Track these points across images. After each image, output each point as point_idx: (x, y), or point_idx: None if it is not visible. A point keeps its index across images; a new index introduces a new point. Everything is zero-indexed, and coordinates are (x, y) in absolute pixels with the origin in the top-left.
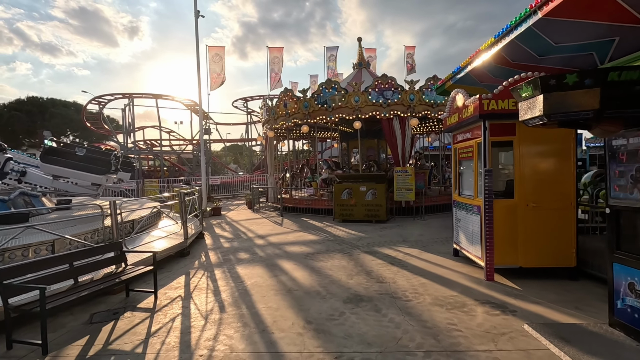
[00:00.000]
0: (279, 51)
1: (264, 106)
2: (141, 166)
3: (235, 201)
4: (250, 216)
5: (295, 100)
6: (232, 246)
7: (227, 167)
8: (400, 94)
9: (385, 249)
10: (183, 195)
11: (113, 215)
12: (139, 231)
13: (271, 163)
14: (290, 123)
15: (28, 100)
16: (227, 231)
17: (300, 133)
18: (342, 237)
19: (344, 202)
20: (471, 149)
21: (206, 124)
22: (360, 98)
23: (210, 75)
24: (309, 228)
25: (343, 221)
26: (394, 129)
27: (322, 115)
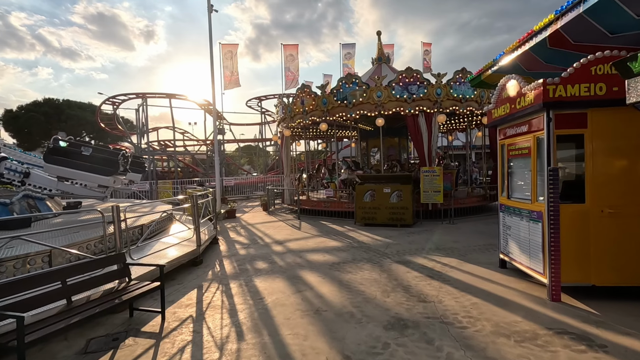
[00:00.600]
0: (293, 49)
1: (280, 104)
2: (155, 167)
3: (249, 203)
4: (266, 219)
5: (313, 96)
6: (249, 253)
7: (240, 167)
8: (426, 88)
9: (419, 258)
10: (196, 199)
11: (116, 221)
12: (147, 237)
13: (287, 163)
14: (307, 121)
15: (45, 102)
16: (243, 236)
17: (318, 132)
18: (367, 244)
19: (367, 204)
20: (527, 144)
21: (220, 124)
22: (383, 93)
23: (224, 74)
24: (329, 233)
25: (365, 225)
26: (420, 125)
27: (341, 112)
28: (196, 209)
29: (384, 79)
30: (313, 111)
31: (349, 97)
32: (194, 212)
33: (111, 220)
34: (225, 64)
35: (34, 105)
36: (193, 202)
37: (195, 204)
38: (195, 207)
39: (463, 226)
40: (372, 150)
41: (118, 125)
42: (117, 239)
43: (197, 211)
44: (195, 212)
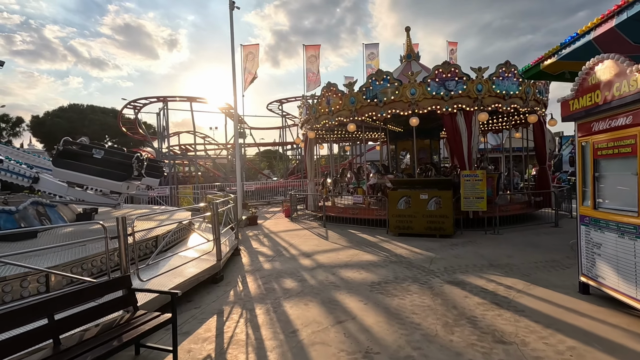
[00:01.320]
0: (315, 49)
1: (304, 105)
2: (176, 172)
3: (270, 208)
4: (290, 226)
5: (339, 95)
6: (274, 268)
7: (261, 172)
8: (465, 84)
9: (473, 277)
10: (216, 207)
11: (122, 236)
12: (163, 250)
13: (311, 167)
14: (333, 122)
15: (69, 107)
16: (266, 246)
17: (343, 134)
18: (407, 258)
19: (401, 212)
20: (631, 141)
21: (241, 128)
22: (417, 90)
23: (245, 75)
24: (360, 244)
25: (399, 235)
26: (458, 125)
27: (371, 112)
28: (216, 218)
29: (418, 75)
30: (340, 111)
31: (379, 95)
32: (215, 222)
33: (115, 235)
34: (245, 66)
35: (60, 111)
36: (213, 211)
37: (216, 213)
38: (215, 216)
39: (511, 237)
40: (400, 153)
41: (139, 129)
42: (123, 258)
43: (217, 221)
44: (215, 222)
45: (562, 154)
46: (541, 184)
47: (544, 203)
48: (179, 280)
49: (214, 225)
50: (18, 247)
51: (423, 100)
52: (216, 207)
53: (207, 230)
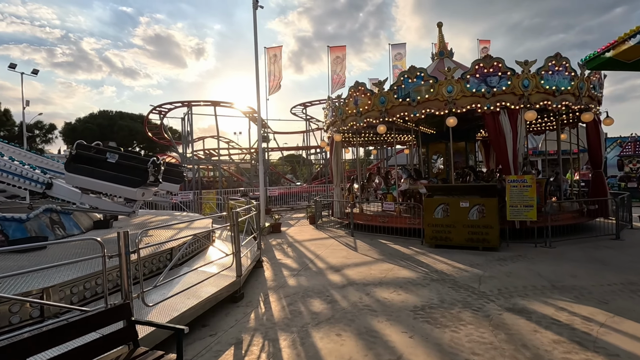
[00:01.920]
0: (341, 50)
1: (330, 106)
2: (200, 177)
3: (294, 214)
4: (315, 235)
5: (368, 95)
6: (300, 284)
7: (284, 177)
8: (510, 79)
9: (537, 303)
10: (236, 217)
11: (123, 254)
12: (178, 264)
13: (337, 172)
14: (361, 123)
15: (99, 114)
16: (290, 257)
17: (371, 136)
18: (450, 275)
19: (438, 221)
20: None
21: (264, 132)
22: (454, 87)
23: (269, 78)
24: (394, 256)
25: (436, 247)
26: (502, 125)
27: (403, 112)
28: (237, 229)
29: (456, 71)
30: (368, 112)
31: (412, 93)
32: (234, 234)
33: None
34: (270, 69)
35: (90, 118)
36: (233, 221)
37: (236, 224)
38: (235, 227)
39: (567, 251)
40: (432, 157)
41: (165, 134)
42: (124, 280)
43: (237, 233)
44: (235, 234)
45: (606, 157)
46: (596, 191)
47: (599, 212)
48: (193, 302)
49: (234, 237)
50: (21, 260)
51: (461, 98)
52: (236, 217)
53: (229, 239)
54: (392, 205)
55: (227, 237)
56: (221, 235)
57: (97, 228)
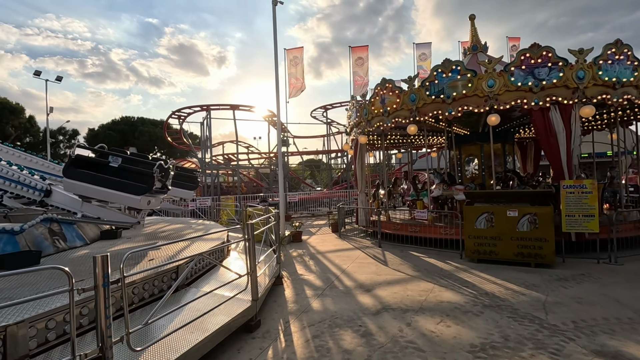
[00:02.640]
0: (362, 51)
1: (354, 106)
2: (219, 182)
3: (315, 221)
4: (338, 245)
5: (397, 93)
6: (326, 308)
7: (304, 182)
8: (562, 70)
9: (632, 344)
10: (251, 231)
11: (100, 288)
12: (185, 284)
13: (362, 177)
14: (389, 124)
15: (121, 120)
16: (313, 272)
17: (398, 139)
18: (505, 300)
19: (481, 232)
20: None
21: (284, 136)
22: (496, 81)
23: (289, 80)
24: (431, 272)
25: (479, 261)
26: (552, 123)
27: (436, 110)
28: (252, 245)
29: (497, 63)
30: (397, 111)
31: (447, 89)
32: (250, 250)
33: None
34: (290, 71)
35: (113, 124)
36: (248, 235)
37: (252, 238)
38: (250, 242)
39: None
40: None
41: (184, 139)
42: (101, 322)
43: (253, 249)
44: (251, 250)
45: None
46: None
47: None
48: (198, 337)
49: (249, 254)
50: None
51: (504, 93)
52: (251, 230)
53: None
54: (426, 213)
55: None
56: (238, 246)
57: (105, 239)
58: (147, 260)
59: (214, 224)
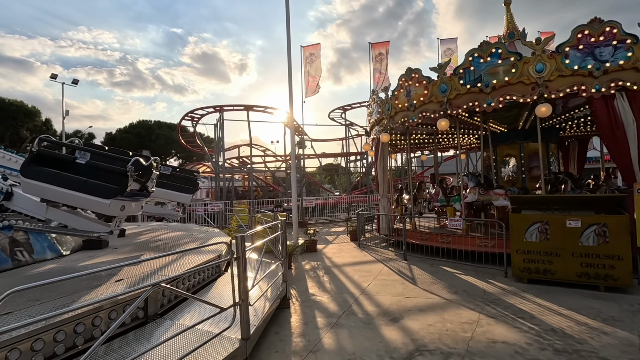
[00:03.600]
0: (383, 46)
1: (374, 102)
2: (233, 186)
3: (332, 227)
4: (357, 256)
5: (425, 83)
6: (341, 348)
7: (322, 186)
8: (630, 49)
9: None
10: (242, 245)
11: None
12: (159, 313)
13: (384, 180)
14: (415, 119)
15: (138, 123)
16: (327, 291)
17: (423, 138)
18: (582, 340)
19: (533, 246)
20: None
21: (300, 137)
22: (547, 65)
23: (305, 79)
24: (472, 295)
25: (530, 281)
26: (619, 113)
27: (471, 102)
28: (243, 265)
29: (547, 44)
30: (425, 104)
31: (485, 77)
32: (239, 272)
33: None
34: (305, 69)
35: (130, 127)
36: (237, 251)
37: (242, 255)
38: (241, 261)
39: None
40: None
41: (198, 141)
42: None
43: (244, 271)
44: (241, 272)
45: None
46: None
47: None
48: None
49: (238, 278)
50: None
51: (556, 79)
52: (241, 245)
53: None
54: (460, 221)
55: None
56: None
57: (88, 249)
58: (113, 282)
59: (218, 232)
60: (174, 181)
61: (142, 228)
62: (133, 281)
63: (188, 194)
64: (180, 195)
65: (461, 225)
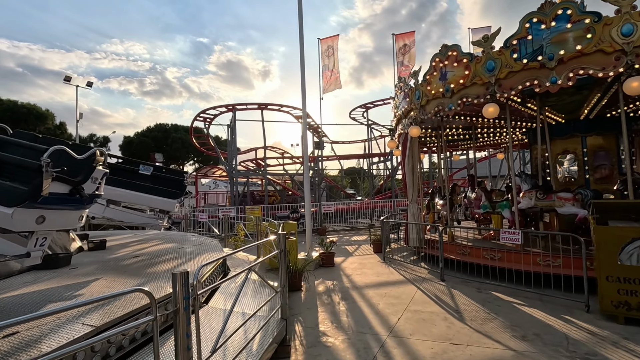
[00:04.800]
0: (409, 37)
1: (401, 90)
2: (249, 190)
3: (353, 236)
4: (383, 274)
5: (465, 62)
6: None
7: (344, 190)
8: None
9: None
10: (186, 293)
11: None
12: None
13: (414, 182)
14: (453, 107)
15: (155, 127)
16: (343, 329)
17: (459, 133)
18: None
19: (633, 272)
20: None
21: (316, 136)
22: (637, 27)
23: (323, 74)
24: (548, 343)
25: (627, 322)
26: None
27: (529, 81)
28: (183, 327)
29: None
30: (465, 88)
31: (548, 47)
32: (176, 336)
33: None
34: (323, 63)
35: (147, 131)
36: (177, 303)
37: (186, 312)
38: (180, 322)
39: None
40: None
41: (210, 142)
42: None
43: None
44: (180, 338)
45: None
46: None
47: None
48: None
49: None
50: None
51: None
52: (184, 292)
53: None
54: (519, 234)
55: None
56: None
57: (43, 268)
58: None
59: (215, 245)
60: (155, 184)
61: (135, 238)
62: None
63: (173, 198)
64: (163, 201)
65: (520, 239)
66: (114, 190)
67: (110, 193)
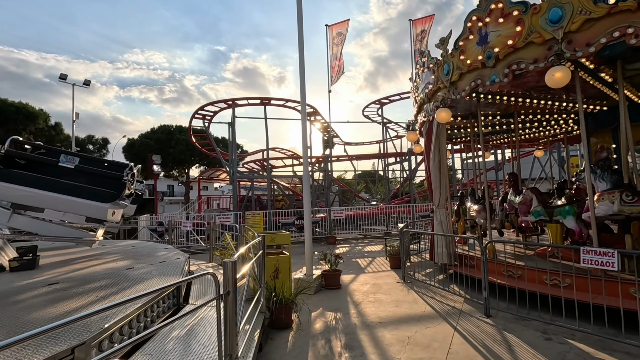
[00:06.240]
0: (427, 22)
1: (424, 64)
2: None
3: (367, 246)
4: (404, 303)
5: (516, 15)
6: None
7: (357, 195)
8: None
9: None
10: None
11: None
12: None
13: (441, 181)
14: (497, 79)
15: (159, 128)
16: None
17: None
18: None
19: None
20: None
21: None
22: None
23: (331, 64)
24: None
25: None
26: None
27: (619, 30)
28: None
29: None
30: (517, 51)
31: None
32: None
33: None
34: (332, 52)
35: (151, 132)
36: None
37: None
38: None
39: None
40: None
41: (210, 141)
42: None
43: None
44: None
45: None
46: None
47: None
48: None
49: None
50: None
51: None
52: None
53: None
54: (615, 255)
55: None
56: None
57: None
58: None
59: (178, 263)
60: (79, 181)
61: (85, 252)
62: None
63: (104, 202)
64: (89, 205)
65: (616, 263)
66: (21, 191)
67: (16, 194)
